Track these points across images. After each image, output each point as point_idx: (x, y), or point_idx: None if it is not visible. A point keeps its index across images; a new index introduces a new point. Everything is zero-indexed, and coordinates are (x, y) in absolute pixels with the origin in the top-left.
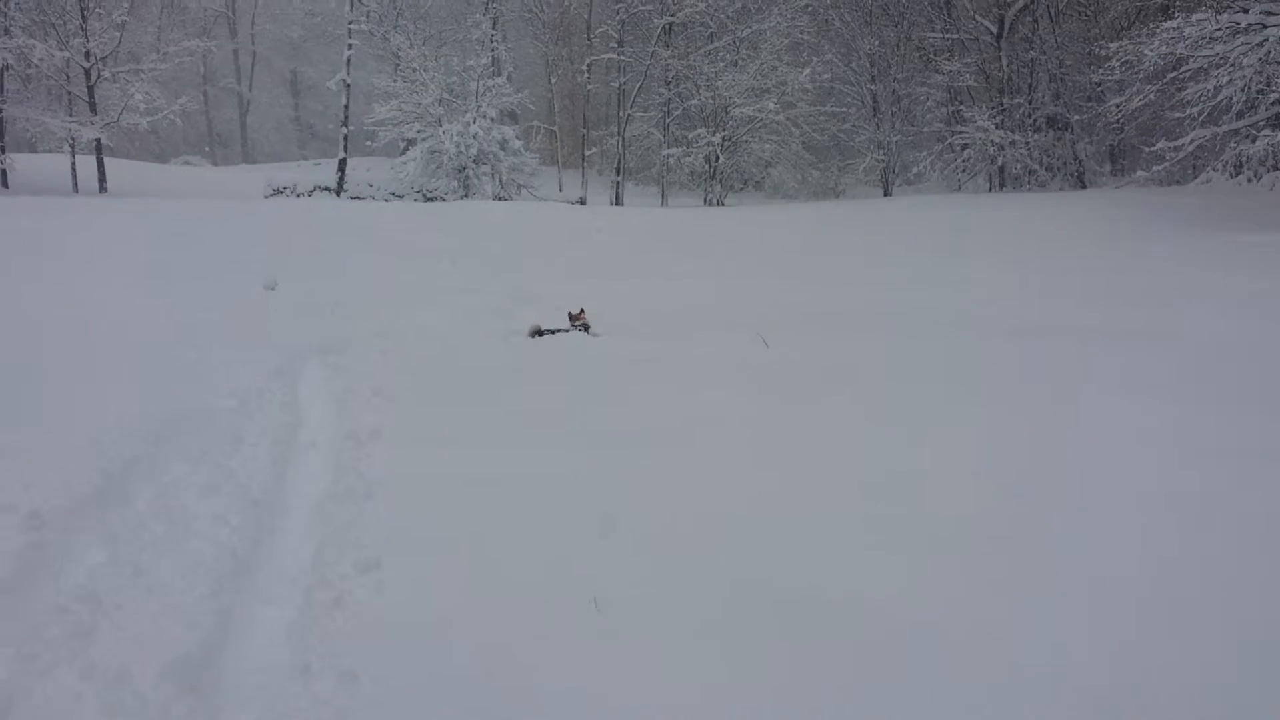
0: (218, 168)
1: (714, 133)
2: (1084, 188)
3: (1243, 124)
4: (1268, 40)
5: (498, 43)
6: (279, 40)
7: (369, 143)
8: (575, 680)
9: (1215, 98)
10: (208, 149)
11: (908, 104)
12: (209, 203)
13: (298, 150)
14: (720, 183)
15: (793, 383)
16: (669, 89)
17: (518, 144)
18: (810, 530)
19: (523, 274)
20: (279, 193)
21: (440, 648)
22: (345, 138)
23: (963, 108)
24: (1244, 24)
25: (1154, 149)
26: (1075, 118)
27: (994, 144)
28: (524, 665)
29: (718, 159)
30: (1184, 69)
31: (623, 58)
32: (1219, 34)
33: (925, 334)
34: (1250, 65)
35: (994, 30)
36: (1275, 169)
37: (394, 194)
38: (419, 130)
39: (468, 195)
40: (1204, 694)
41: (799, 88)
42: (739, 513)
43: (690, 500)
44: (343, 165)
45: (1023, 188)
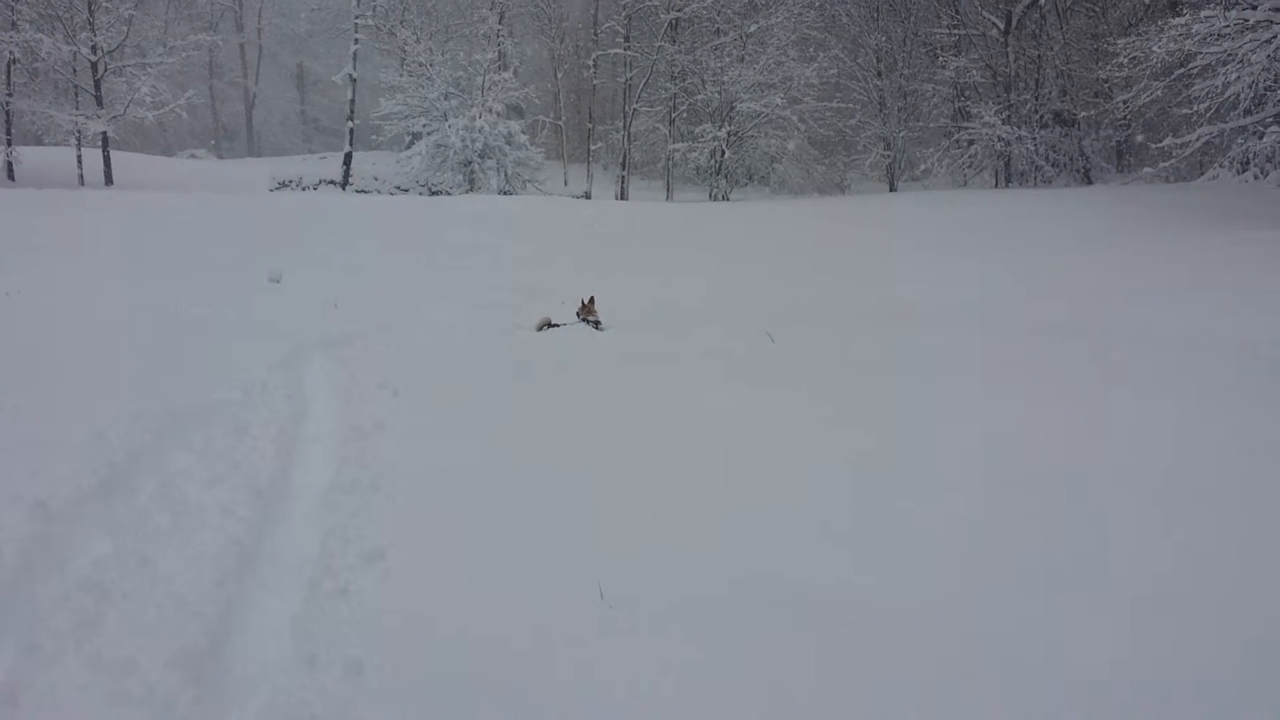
0: (223, 161)
1: (720, 128)
2: (1090, 184)
3: (1250, 121)
4: (1276, 37)
5: (504, 37)
6: (285, 34)
7: (375, 137)
8: (581, 669)
9: (1223, 94)
10: (213, 143)
11: (914, 100)
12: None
13: (303, 144)
14: (725, 178)
15: (797, 378)
16: (675, 84)
17: (523, 138)
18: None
19: (528, 268)
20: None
21: (446, 638)
22: (351, 132)
23: (969, 103)
24: (1252, 20)
25: (1161, 145)
26: (1082, 114)
27: (1000, 140)
28: (529, 655)
29: (723, 154)
30: (1192, 65)
31: (629, 53)
32: (1227, 30)
33: (936, 331)
34: (1258, 62)
35: (1001, 26)
36: None
37: (399, 188)
38: (425, 124)
39: (473, 189)
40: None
41: (805, 83)
42: (742, 508)
43: (692, 495)
44: (348, 159)
45: (1028, 184)
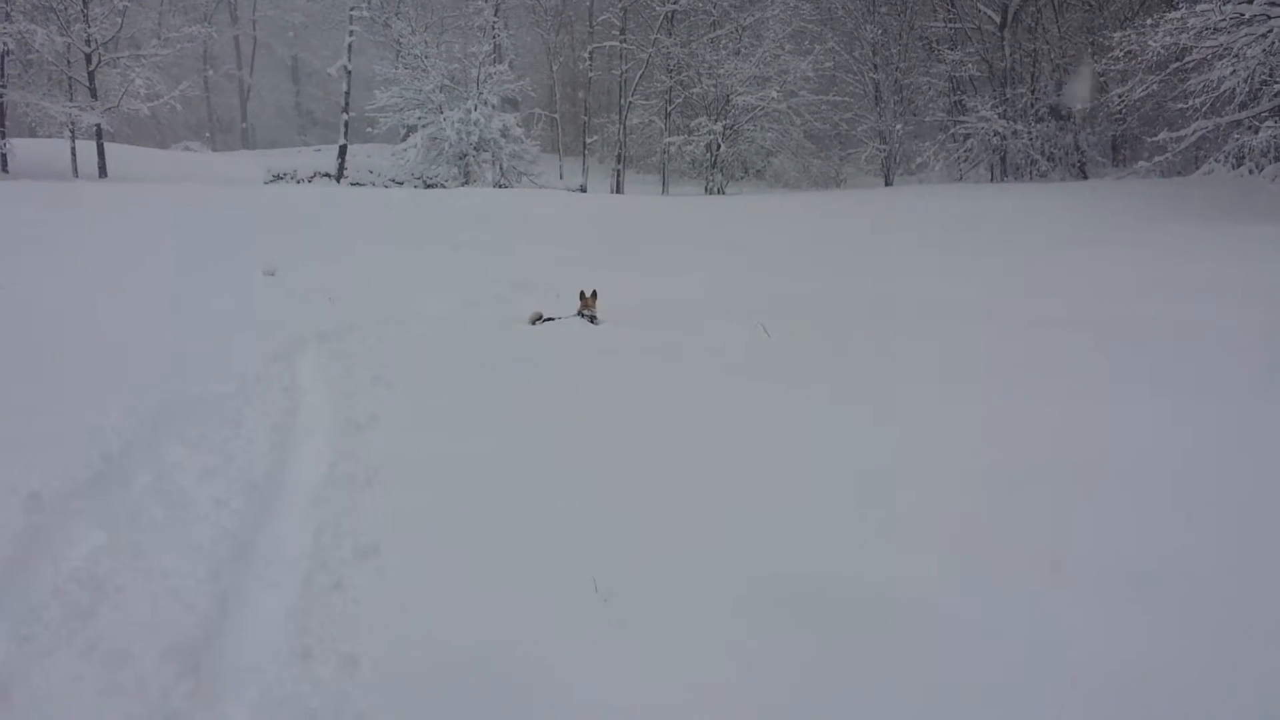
0: (218, 153)
1: (715, 121)
2: (1085, 178)
3: (1245, 115)
4: (1272, 31)
5: (499, 30)
6: (280, 26)
7: (370, 129)
8: (576, 665)
9: (1218, 89)
10: (208, 135)
11: (910, 93)
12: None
13: (298, 136)
14: (721, 171)
15: (794, 372)
16: (671, 77)
17: (519, 131)
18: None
19: (523, 261)
20: (279, 178)
21: (439, 632)
22: (346, 124)
23: (965, 97)
24: (1248, 15)
25: (1156, 139)
26: (1077, 107)
27: (996, 134)
28: (523, 649)
29: (719, 147)
30: (1187, 59)
31: (625, 45)
32: (1223, 24)
33: (936, 325)
34: (1254, 56)
35: (997, 19)
36: (1277, 160)
37: (394, 180)
38: (420, 117)
39: (468, 182)
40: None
41: (801, 76)
42: (745, 503)
43: (692, 494)
44: (343, 151)
45: (1024, 178)
